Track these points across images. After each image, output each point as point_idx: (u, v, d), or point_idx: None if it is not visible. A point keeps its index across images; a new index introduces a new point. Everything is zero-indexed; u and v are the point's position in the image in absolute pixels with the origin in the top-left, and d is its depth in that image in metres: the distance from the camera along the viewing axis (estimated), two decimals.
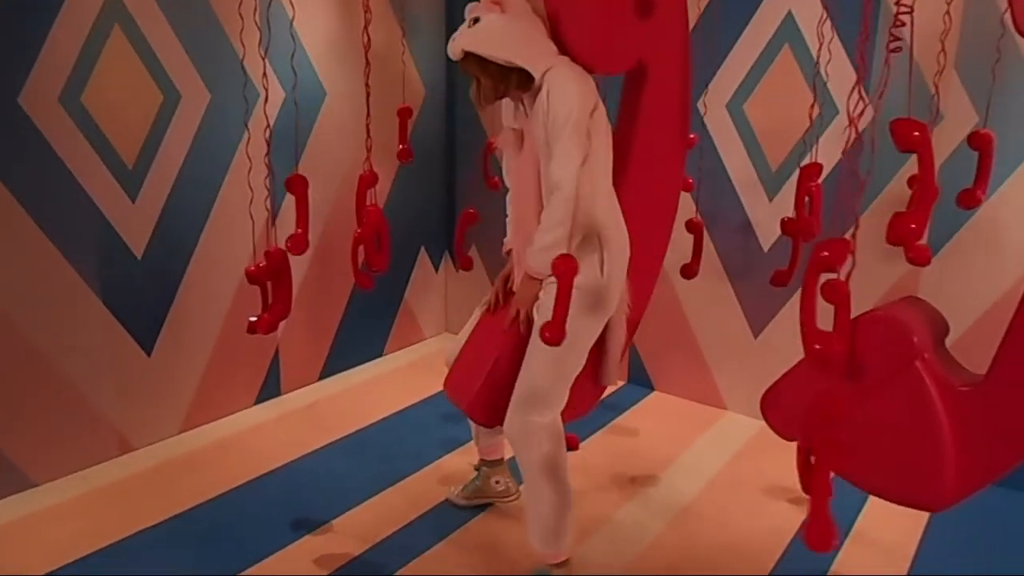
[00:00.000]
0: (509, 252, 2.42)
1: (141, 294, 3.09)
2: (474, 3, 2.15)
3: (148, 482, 2.97)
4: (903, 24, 1.55)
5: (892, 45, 1.54)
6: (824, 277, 1.65)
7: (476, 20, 2.10)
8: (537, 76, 2.07)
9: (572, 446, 3.22)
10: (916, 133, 1.58)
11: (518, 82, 2.11)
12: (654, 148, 2.48)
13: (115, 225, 2.97)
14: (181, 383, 3.30)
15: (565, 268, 1.87)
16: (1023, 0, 1.38)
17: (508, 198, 2.40)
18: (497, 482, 2.78)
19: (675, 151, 2.61)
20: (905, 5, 1.49)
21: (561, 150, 2.03)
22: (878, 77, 1.83)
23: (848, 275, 1.61)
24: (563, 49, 2.14)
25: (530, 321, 2.24)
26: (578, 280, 2.11)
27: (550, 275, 2.13)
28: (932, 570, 2.54)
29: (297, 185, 2.39)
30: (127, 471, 3.03)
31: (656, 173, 2.53)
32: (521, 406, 2.24)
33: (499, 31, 2.07)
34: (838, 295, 1.62)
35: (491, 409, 2.37)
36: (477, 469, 2.83)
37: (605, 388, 2.62)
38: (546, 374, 2.21)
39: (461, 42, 2.10)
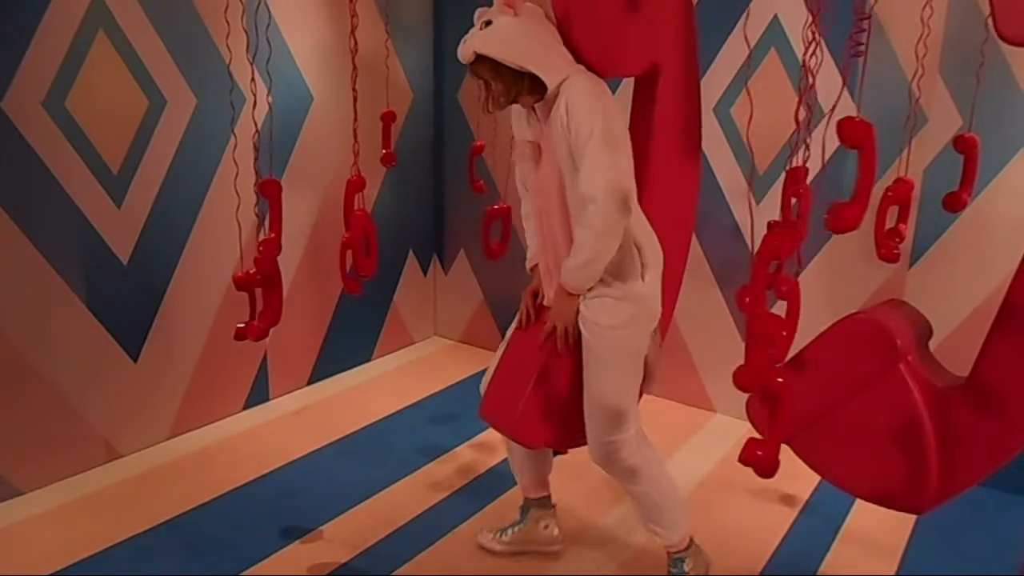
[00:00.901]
0: (534, 268, 2.33)
1: (127, 300, 3.07)
2: (483, 8, 2.10)
3: (135, 489, 2.95)
4: (863, 30, 1.58)
5: (853, 51, 1.56)
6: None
7: (488, 23, 2.04)
8: (551, 85, 2.01)
9: (562, 450, 3.21)
10: (860, 130, 1.60)
11: (530, 88, 2.05)
12: (670, 153, 2.42)
13: (100, 230, 2.95)
14: (168, 389, 3.28)
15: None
16: (1004, 4, 1.40)
17: (524, 212, 2.33)
18: (546, 526, 2.57)
19: (690, 155, 2.54)
20: (863, 14, 1.52)
21: (588, 164, 1.98)
22: (863, 80, 1.85)
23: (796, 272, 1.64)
24: (574, 52, 2.08)
25: (574, 336, 2.18)
26: (624, 291, 2.11)
27: (590, 290, 2.12)
28: (920, 569, 2.55)
29: (270, 189, 2.37)
30: (114, 478, 3.01)
31: (673, 179, 2.46)
32: (599, 431, 2.20)
33: (513, 34, 2.01)
34: (788, 292, 1.65)
35: (536, 430, 2.28)
36: (523, 510, 2.60)
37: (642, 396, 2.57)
38: (614, 392, 2.17)
39: (473, 44, 2.03)
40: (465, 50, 2.05)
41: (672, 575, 2.36)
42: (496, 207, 3.24)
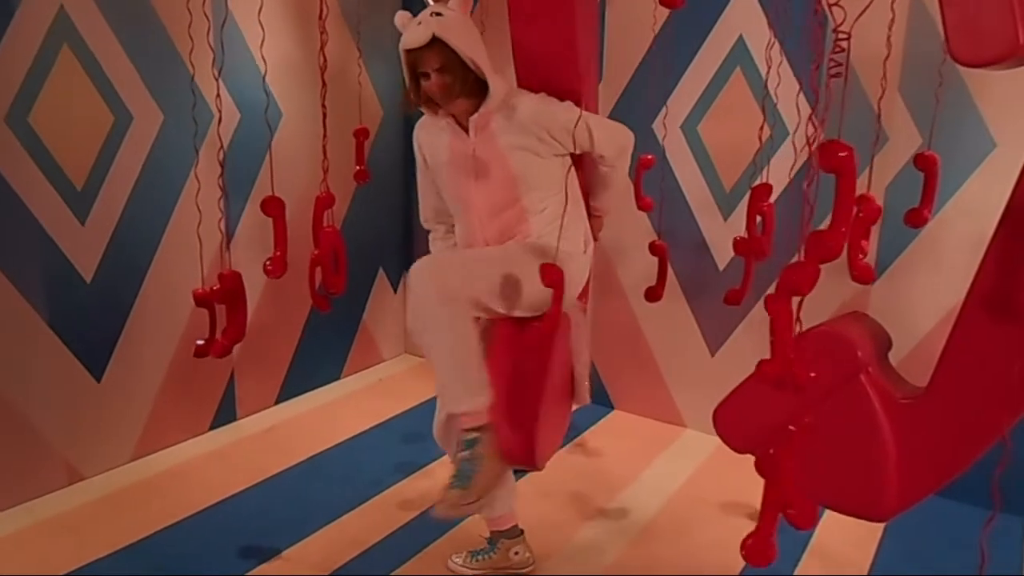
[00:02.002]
0: None
1: (90, 318, 3.02)
2: (403, 12, 2.12)
3: (98, 513, 2.88)
4: (842, 50, 1.60)
5: (833, 71, 1.58)
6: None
7: (439, 15, 2.01)
8: (497, 93, 2.05)
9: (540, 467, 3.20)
10: (841, 154, 1.62)
11: (466, 90, 2.07)
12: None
13: (63, 248, 2.90)
14: (133, 409, 3.22)
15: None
16: (955, 27, 1.44)
17: (460, 223, 2.31)
18: (516, 553, 2.53)
19: None
20: (843, 32, 1.54)
21: (600, 136, 2.15)
22: (824, 101, 1.87)
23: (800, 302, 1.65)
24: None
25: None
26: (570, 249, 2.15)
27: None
28: None
29: (273, 207, 2.37)
30: (76, 501, 2.94)
31: None
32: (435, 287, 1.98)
33: (471, 31, 2.03)
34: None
35: (546, 447, 2.25)
36: (491, 542, 2.56)
37: (571, 408, 2.54)
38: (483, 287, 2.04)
39: (433, 27, 1.97)
40: (422, 32, 1.99)
41: (466, 458, 2.04)
42: None
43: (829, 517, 2.79)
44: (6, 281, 2.73)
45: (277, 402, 3.88)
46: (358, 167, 3.19)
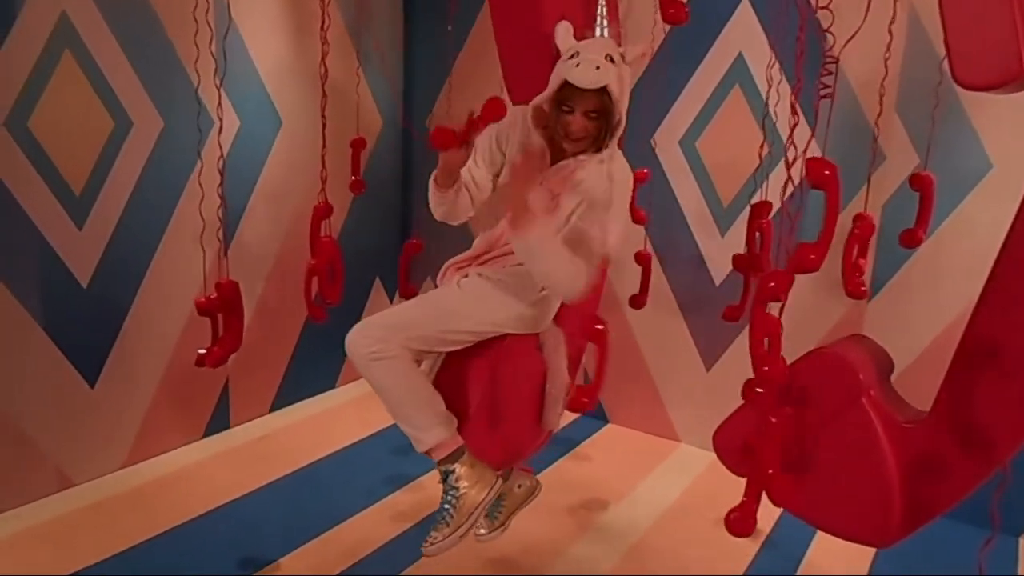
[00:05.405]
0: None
1: (86, 324, 3.00)
2: (603, 39, 2.06)
3: (88, 519, 2.86)
4: (830, 72, 1.61)
5: (822, 92, 1.60)
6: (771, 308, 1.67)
7: (611, 60, 1.95)
8: (608, 149, 1.99)
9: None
10: (825, 172, 1.62)
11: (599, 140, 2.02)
12: None
13: (60, 252, 2.89)
14: (126, 416, 3.21)
15: None
16: (959, 51, 1.45)
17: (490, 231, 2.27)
18: (519, 486, 2.49)
19: None
20: (831, 56, 1.56)
21: (599, 228, 2.01)
22: (820, 120, 1.89)
23: (781, 309, 1.65)
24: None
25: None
26: (527, 295, 2.11)
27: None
28: None
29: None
30: (66, 508, 2.92)
31: None
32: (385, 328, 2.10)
33: (628, 88, 1.97)
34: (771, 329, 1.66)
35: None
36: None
37: (547, 433, 2.43)
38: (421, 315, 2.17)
39: (610, 78, 1.92)
40: (597, 78, 1.93)
41: (445, 490, 2.13)
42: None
43: (822, 536, 2.79)
44: (1, 285, 2.72)
45: (271, 411, 3.86)
46: (353, 177, 3.20)
